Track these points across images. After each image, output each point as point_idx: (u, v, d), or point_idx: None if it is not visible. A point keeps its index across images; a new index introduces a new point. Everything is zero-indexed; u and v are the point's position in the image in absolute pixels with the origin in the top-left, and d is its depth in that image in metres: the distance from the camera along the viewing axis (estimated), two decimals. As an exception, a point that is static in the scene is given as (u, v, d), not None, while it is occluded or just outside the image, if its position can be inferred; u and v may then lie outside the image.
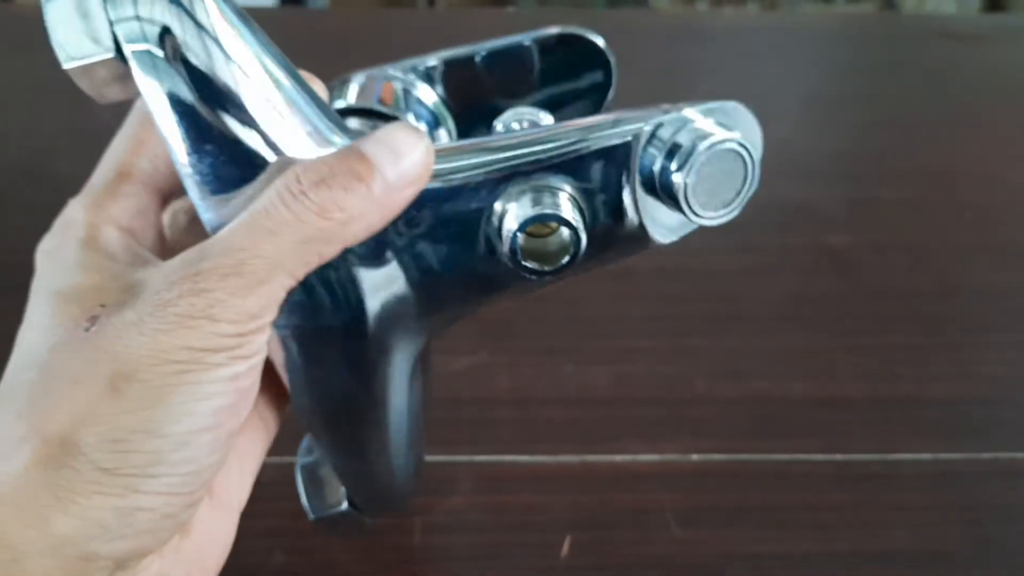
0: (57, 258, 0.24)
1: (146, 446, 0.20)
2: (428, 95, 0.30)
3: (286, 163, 0.22)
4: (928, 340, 0.47)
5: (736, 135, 0.23)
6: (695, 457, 0.40)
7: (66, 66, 0.21)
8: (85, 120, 0.57)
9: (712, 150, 0.22)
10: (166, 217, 0.27)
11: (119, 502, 0.20)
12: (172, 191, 0.27)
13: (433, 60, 0.31)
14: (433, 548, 0.37)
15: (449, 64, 0.31)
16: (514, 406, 0.42)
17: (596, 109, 0.32)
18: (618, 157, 0.23)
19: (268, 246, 0.21)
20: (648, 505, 0.38)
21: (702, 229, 0.24)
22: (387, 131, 0.23)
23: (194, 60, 0.22)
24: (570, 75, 0.31)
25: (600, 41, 0.31)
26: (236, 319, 0.21)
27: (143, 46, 0.21)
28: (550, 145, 0.24)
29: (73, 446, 0.20)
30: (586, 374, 0.44)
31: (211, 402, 0.21)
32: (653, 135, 0.23)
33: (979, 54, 0.73)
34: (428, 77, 0.31)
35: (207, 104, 0.22)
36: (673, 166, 0.23)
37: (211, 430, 0.21)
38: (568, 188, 0.23)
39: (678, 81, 0.68)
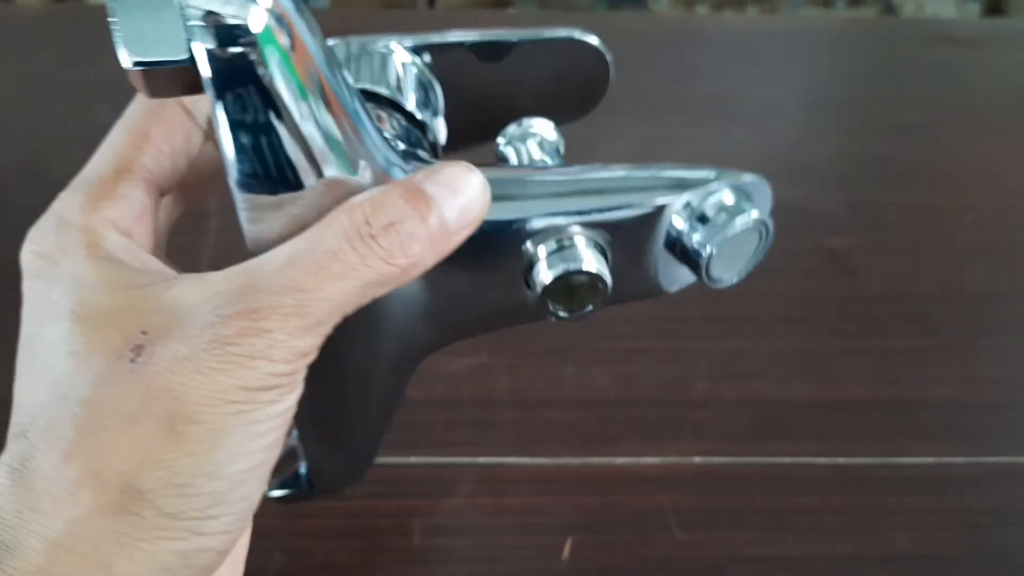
0: (63, 270, 0.22)
1: (207, 488, 0.20)
2: (406, 57, 0.30)
3: (340, 187, 0.22)
4: (929, 343, 0.47)
5: (757, 213, 0.24)
6: (696, 460, 0.40)
7: (129, 66, 0.20)
8: (85, 119, 0.57)
9: (739, 228, 0.24)
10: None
11: (182, 545, 0.20)
12: (170, 188, 0.26)
13: (419, 40, 0.30)
14: (433, 550, 0.37)
15: (436, 48, 0.30)
16: (514, 407, 0.42)
17: (592, 106, 0.32)
18: (650, 221, 0.25)
19: (332, 289, 0.20)
20: (649, 507, 0.38)
21: None
22: (447, 172, 0.22)
23: (266, 61, 0.21)
24: (565, 72, 0.31)
25: (594, 40, 0.31)
26: (290, 359, 0.20)
27: (214, 38, 0.21)
28: (590, 202, 0.24)
29: (136, 492, 0.19)
30: (587, 375, 0.44)
31: (264, 439, 0.21)
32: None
33: (980, 57, 0.73)
34: (415, 53, 0.30)
35: (269, 108, 0.21)
36: (698, 236, 0.24)
37: (263, 465, 0.21)
38: (599, 240, 0.24)
39: (679, 84, 0.68)
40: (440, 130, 0.30)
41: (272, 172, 0.21)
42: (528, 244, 0.24)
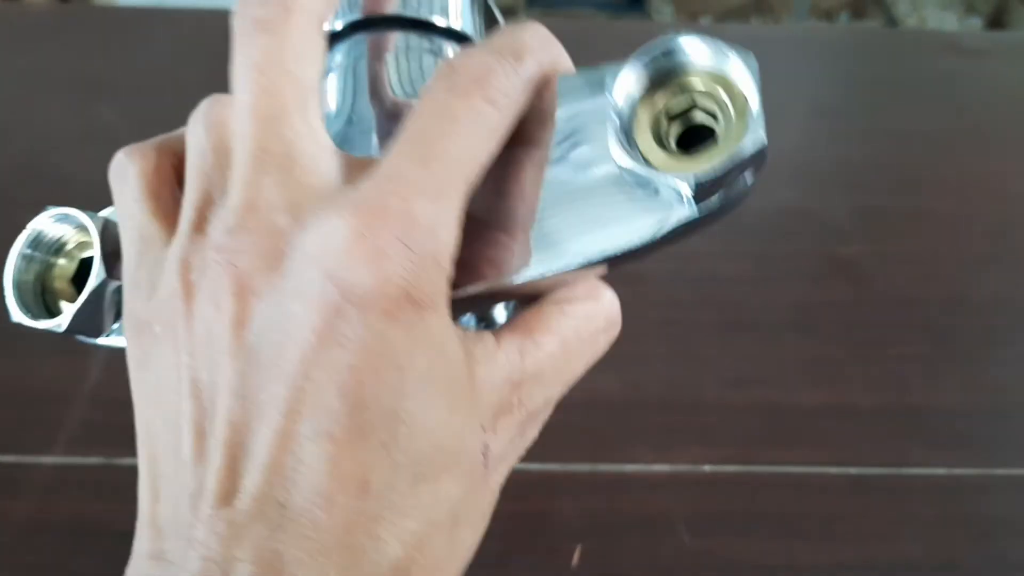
0: (432, 331, 0.17)
1: None
2: None
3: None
4: (938, 351, 0.47)
5: None
6: (706, 467, 0.40)
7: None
8: (88, 119, 0.56)
9: None
10: None
11: None
12: None
13: None
14: (441, 555, 0.36)
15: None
16: (522, 412, 0.42)
17: None
18: None
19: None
20: (659, 514, 0.38)
21: (709, 235, 0.25)
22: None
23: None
24: None
25: None
26: None
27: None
28: None
29: None
30: (595, 380, 0.43)
31: None
32: None
33: (984, 68, 0.73)
34: None
35: None
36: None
37: None
38: None
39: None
40: None
41: None
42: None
